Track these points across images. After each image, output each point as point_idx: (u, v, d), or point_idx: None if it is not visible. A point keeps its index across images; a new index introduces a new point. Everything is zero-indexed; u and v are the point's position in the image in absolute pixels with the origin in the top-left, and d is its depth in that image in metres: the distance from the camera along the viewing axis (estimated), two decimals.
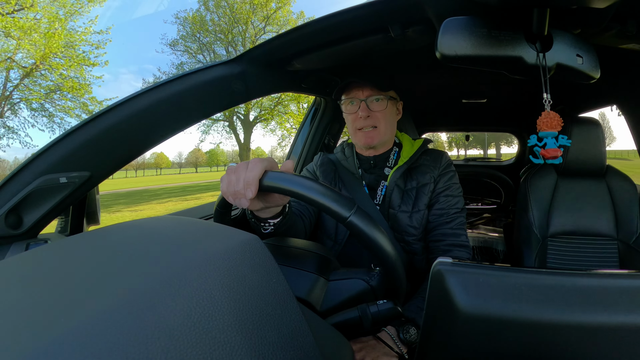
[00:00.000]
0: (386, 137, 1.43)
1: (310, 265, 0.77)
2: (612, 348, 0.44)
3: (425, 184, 1.40)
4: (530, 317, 0.44)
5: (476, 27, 0.79)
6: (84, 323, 0.31)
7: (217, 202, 0.86)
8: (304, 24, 1.08)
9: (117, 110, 0.94)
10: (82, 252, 0.46)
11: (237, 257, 0.45)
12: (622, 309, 0.43)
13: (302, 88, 1.69)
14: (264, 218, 0.94)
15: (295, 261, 0.78)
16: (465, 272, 0.48)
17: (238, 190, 0.75)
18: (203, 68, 1.10)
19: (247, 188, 0.74)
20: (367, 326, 0.73)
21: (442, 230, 1.37)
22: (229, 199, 0.79)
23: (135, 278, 0.38)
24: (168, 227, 0.54)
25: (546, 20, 0.76)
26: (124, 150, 0.97)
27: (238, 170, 0.76)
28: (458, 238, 1.36)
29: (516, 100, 2.80)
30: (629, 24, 0.95)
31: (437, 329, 0.51)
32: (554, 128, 0.80)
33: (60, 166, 0.89)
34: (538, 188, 1.99)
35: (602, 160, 1.89)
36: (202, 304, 0.37)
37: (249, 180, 0.73)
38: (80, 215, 1.08)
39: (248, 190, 0.73)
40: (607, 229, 1.88)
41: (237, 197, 0.77)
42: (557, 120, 0.80)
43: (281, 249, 0.82)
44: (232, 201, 0.79)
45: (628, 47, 1.08)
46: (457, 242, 1.35)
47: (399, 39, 1.10)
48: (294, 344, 0.43)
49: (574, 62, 0.83)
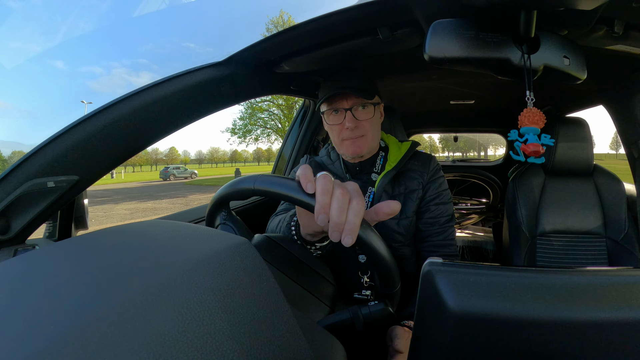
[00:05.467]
0: (374, 144, 1.39)
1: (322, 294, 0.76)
2: (602, 344, 0.44)
3: (413, 190, 1.37)
4: (521, 316, 0.44)
5: (464, 29, 0.80)
6: (74, 331, 0.31)
7: (211, 205, 0.85)
8: (293, 26, 1.07)
9: (105, 113, 0.93)
10: (70, 258, 0.46)
11: (227, 261, 0.45)
12: (612, 306, 0.43)
13: (291, 90, 1.68)
14: (311, 241, 0.84)
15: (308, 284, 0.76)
16: (455, 272, 0.48)
17: (342, 222, 0.60)
18: (192, 70, 1.09)
19: (356, 221, 0.60)
20: (359, 328, 0.73)
21: (435, 241, 1.36)
22: (327, 228, 0.62)
23: (125, 284, 0.37)
24: (157, 231, 0.53)
25: (533, 22, 0.77)
26: (113, 153, 0.96)
27: (339, 195, 0.61)
28: (449, 249, 1.36)
29: (504, 101, 2.83)
30: (616, 25, 0.96)
31: (428, 329, 0.51)
32: (535, 124, 0.81)
33: (47, 170, 0.88)
34: (526, 187, 2.01)
35: (590, 160, 1.92)
36: (192, 309, 0.37)
37: (359, 211, 0.61)
38: (68, 220, 1.06)
39: (356, 225, 0.60)
40: (595, 227, 1.90)
41: (339, 229, 0.61)
42: (540, 116, 0.81)
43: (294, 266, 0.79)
44: (332, 234, 0.62)
45: (615, 48, 1.09)
46: (449, 253, 1.35)
47: (388, 41, 1.10)
48: (286, 347, 0.42)
49: (561, 63, 0.84)
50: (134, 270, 0.40)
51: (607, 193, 1.93)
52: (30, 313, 0.34)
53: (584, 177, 1.99)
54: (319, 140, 2.31)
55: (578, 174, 1.98)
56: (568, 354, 0.45)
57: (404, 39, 1.09)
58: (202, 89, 1.10)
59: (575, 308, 0.44)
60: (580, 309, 0.44)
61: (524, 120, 0.81)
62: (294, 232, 0.86)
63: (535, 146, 0.81)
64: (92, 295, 0.36)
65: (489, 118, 3.54)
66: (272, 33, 1.14)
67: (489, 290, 0.46)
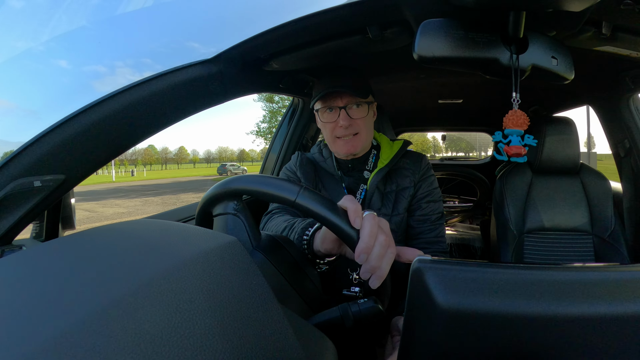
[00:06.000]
0: (367, 143, 1.40)
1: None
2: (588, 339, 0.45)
3: (405, 188, 1.38)
4: (510, 312, 0.44)
5: (453, 29, 0.80)
6: (61, 333, 0.30)
7: (201, 205, 0.84)
8: (282, 24, 1.06)
9: (92, 111, 0.91)
10: (58, 258, 0.45)
11: (216, 260, 0.44)
12: (598, 301, 0.44)
13: (280, 88, 1.67)
14: (321, 256, 0.85)
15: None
16: (444, 269, 0.48)
17: (378, 267, 0.63)
18: (180, 68, 1.07)
19: (388, 269, 0.64)
20: (349, 325, 0.73)
21: (427, 238, 1.37)
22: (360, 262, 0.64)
23: (114, 284, 0.37)
24: (145, 230, 0.53)
25: (522, 22, 0.77)
26: (100, 152, 0.95)
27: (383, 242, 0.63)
28: (440, 246, 1.37)
29: (491, 101, 2.85)
30: (604, 26, 0.97)
31: (418, 326, 0.52)
32: (519, 126, 0.82)
33: (34, 169, 0.86)
34: (513, 186, 2.02)
35: (576, 158, 1.94)
36: (182, 308, 0.36)
37: (391, 260, 0.65)
38: (55, 220, 1.05)
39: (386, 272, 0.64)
40: (582, 224, 1.93)
41: (373, 271, 0.64)
42: (523, 119, 0.82)
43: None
44: (364, 274, 0.64)
45: (602, 49, 1.10)
46: (440, 249, 1.36)
47: (377, 40, 1.10)
48: (277, 345, 0.42)
49: (549, 64, 0.84)
50: (122, 270, 0.40)
51: (594, 191, 1.96)
52: (17, 315, 0.33)
53: (570, 175, 2.01)
54: (307, 138, 2.30)
55: (565, 172, 2.00)
56: (555, 348, 0.46)
57: (394, 38, 1.09)
58: (191, 87, 1.08)
59: (562, 304, 0.44)
60: (568, 304, 0.44)
61: (508, 123, 0.82)
62: (305, 246, 0.87)
63: (518, 148, 0.82)
64: (80, 297, 0.35)
65: (477, 117, 3.57)
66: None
67: (478, 287, 0.46)
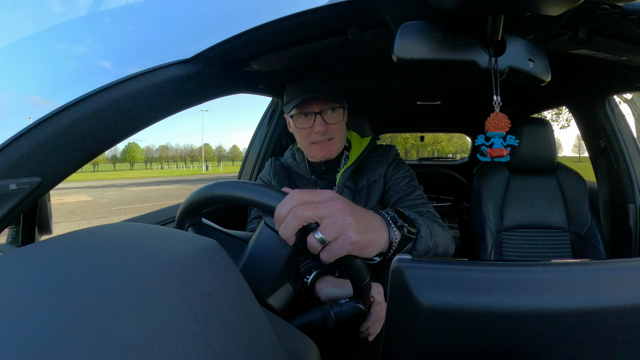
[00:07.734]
0: (342, 146, 1.39)
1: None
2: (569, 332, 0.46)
3: (375, 181, 1.37)
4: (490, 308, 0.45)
5: (432, 32, 0.80)
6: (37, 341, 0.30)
7: (183, 207, 0.83)
8: (262, 25, 1.06)
9: (68, 111, 0.89)
10: (35, 264, 0.44)
11: (196, 263, 0.44)
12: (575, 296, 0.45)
13: (259, 89, 1.67)
14: None
15: None
16: (424, 268, 0.48)
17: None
18: (158, 68, 1.06)
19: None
20: (332, 326, 0.73)
21: (408, 204, 1.28)
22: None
23: (92, 290, 0.37)
24: (124, 234, 0.52)
25: (500, 26, 0.78)
26: (77, 153, 0.92)
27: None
28: (426, 207, 1.27)
29: (469, 102, 2.89)
30: (580, 30, 0.98)
31: (400, 324, 0.52)
32: (500, 129, 0.83)
33: (8, 172, 0.84)
34: (491, 185, 2.05)
35: (552, 158, 1.98)
36: (162, 313, 0.36)
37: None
38: (31, 224, 1.03)
39: None
40: (559, 222, 1.97)
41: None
42: (505, 121, 0.83)
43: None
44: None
45: (578, 52, 1.12)
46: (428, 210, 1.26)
47: (357, 42, 1.10)
48: (259, 348, 0.42)
49: (526, 66, 0.85)
50: (100, 274, 0.40)
51: (570, 189, 2.00)
52: None
53: (547, 174, 2.05)
54: (287, 139, 2.29)
55: (541, 171, 2.04)
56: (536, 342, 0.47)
57: (373, 40, 1.09)
58: (169, 87, 1.07)
59: (541, 299, 0.45)
60: (546, 300, 0.45)
61: (490, 126, 0.83)
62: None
63: (500, 150, 0.83)
64: (56, 303, 0.35)
65: (455, 118, 3.61)
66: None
67: (458, 284, 0.47)
